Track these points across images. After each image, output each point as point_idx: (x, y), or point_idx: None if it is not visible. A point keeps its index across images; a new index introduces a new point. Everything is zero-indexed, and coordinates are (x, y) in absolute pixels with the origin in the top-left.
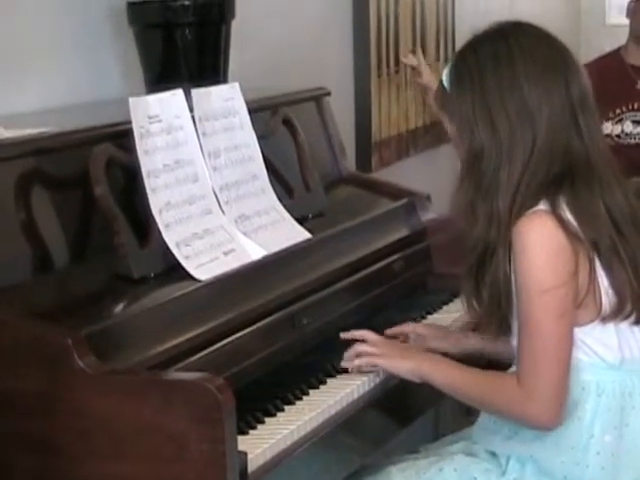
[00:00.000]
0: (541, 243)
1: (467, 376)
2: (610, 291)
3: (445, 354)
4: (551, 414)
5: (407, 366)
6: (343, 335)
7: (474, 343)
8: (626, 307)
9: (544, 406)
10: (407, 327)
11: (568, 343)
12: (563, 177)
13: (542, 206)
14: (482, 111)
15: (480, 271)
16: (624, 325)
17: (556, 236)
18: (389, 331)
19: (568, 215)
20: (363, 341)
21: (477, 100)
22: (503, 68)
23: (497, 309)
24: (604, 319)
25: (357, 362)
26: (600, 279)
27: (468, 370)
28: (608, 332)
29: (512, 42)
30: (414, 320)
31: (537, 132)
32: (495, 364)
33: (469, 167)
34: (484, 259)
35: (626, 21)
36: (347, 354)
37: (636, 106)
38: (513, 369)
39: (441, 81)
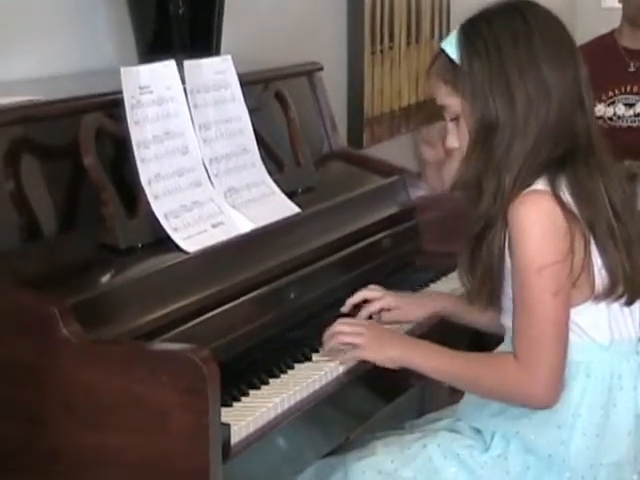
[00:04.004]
0: (539, 222)
1: (459, 360)
2: (603, 271)
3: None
4: (551, 392)
5: (392, 355)
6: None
7: (444, 305)
8: (618, 288)
9: (545, 385)
10: (370, 293)
11: (566, 321)
12: (565, 156)
13: (540, 185)
14: (500, 84)
15: (478, 244)
16: (615, 306)
17: (553, 215)
18: (350, 301)
19: (567, 194)
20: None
21: (495, 72)
22: (522, 45)
23: (488, 282)
24: (596, 298)
25: (340, 359)
26: (594, 259)
27: (459, 354)
28: (599, 313)
29: (530, 20)
30: None
31: (550, 109)
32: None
33: (479, 140)
34: (484, 232)
35: None
36: (329, 343)
37: (628, 89)
38: (502, 346)
39: (443, 51)
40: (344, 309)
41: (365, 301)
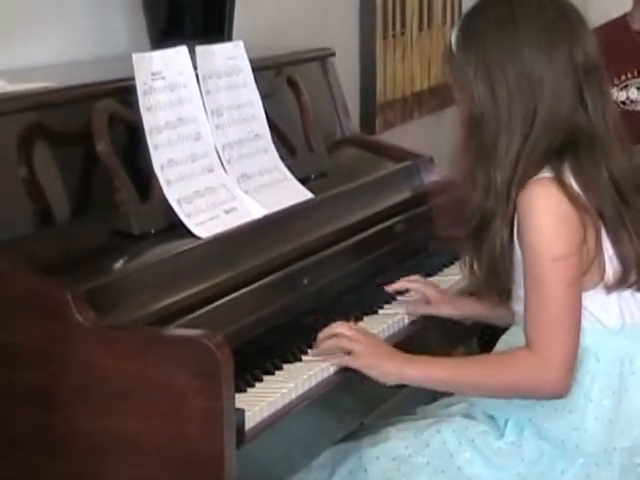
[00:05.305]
0: (547, 210)
1: (460, 366)
2: (615, 260)
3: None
4: (565, 381)
5: (388, 369)
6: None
7: (479, 310)
8: (630, 276)
9: (560, 373)
10: (413, 284)
11: (579, 309)
12: (565, 148)
13: (547, 173)
14: (483, 77)
15: (478, 239)
16: (626, 292)
17: (562, 202)
18: (393, 287)
19: (573, 183)
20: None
21: (480, 65)
22: (505, 33)
23: (496, 279)
24: (608, 288)
25: (331, 361)
26: (605, 248)
27: (459, 360)
28: (610, 297)
29: (516, 5)
30: None
31: (539, 102)
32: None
33: (469, 133)
34: (481, 228)
35: None
36: (323, 346)
37: None
38: (512, 328)
39: (450, 42)
40: (389, 289)
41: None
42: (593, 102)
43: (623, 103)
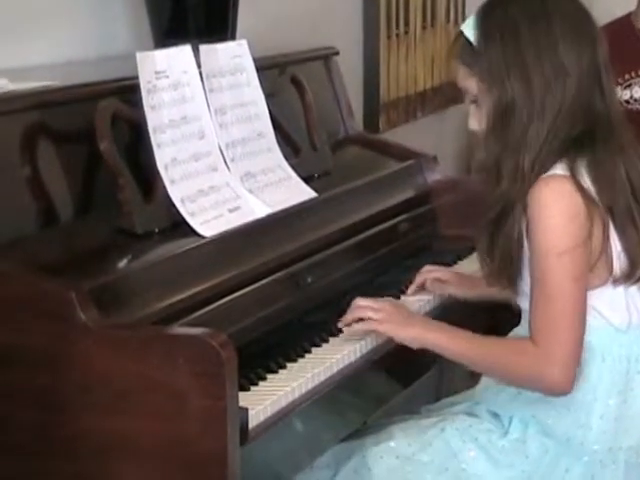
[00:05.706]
0: (558, 207)
1: (478, 343)
2: (622, 255)
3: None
4: (568, 377)
5: (410, 334)
6: (341, 325)
7: (492, 291)
8: (637, 271)
9: (562, 369)
10: (430, 274)
11: (584, 305)
12: (584, 137)
13: (560, 170)
14: (516, 65)
15: (496, 228)
16: (633, 289)
17: (573, 200)
18: (413, 286)
19: (586, 179)
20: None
21: (510, 54)
22: (539, 24)
23: (509, 266)
24: (615, 282)
25: (356, 327)
26: (613, 243)
27: (478, 337)
28: (617, 296)
29: (548, 1)
30: None
31: (567, 90)
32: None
33: (497, 122)
34: (502, 216)
35: None
36: (347, 316)
37: None
38: (518, 328)
39: (462, 33)
40: (410, 290)
41: None
42: (610, 94)
43: (627, 102)
